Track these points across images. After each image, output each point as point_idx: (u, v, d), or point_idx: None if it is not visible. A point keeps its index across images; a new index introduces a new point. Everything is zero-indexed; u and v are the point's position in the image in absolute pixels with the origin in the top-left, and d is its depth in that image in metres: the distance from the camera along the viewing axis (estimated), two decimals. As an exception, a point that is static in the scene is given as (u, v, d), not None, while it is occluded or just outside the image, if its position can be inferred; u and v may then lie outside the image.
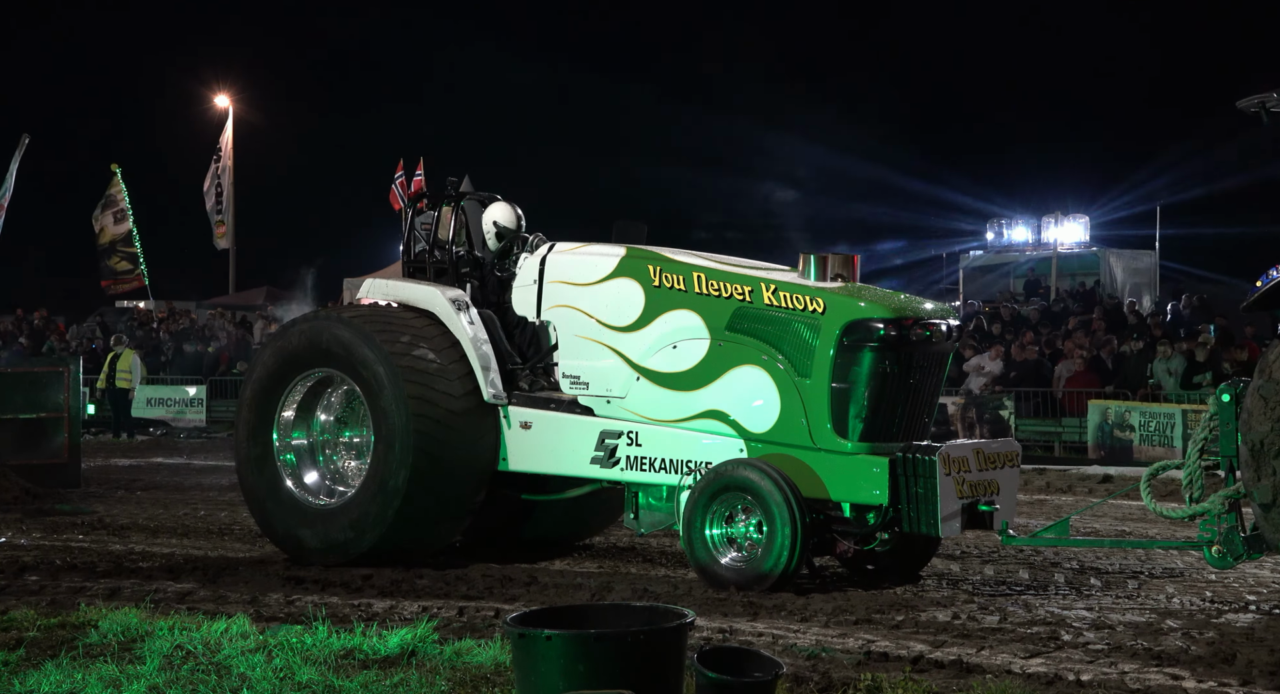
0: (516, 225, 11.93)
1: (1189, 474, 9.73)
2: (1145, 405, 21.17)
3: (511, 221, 11.91)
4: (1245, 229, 36.49)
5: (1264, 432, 9.01)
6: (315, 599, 9.74)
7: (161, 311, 36.00)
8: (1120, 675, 7.46)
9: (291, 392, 11.80)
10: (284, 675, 7.36)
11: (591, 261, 11.33)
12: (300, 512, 11.54)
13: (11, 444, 16.81)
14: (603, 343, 11.17)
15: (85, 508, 15.35)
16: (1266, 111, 9.93)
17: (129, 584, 10.35)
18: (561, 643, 5.77)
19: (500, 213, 11.92)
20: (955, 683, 7.30)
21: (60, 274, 49.94)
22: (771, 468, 10.09)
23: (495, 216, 11.92)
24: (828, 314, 10.31)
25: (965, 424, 22.31)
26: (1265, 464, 9.00)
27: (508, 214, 11.92)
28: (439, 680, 7.23)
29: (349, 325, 11.39)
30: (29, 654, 7.84)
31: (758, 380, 10.52)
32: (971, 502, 10.07)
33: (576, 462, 11.05)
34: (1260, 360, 9.34)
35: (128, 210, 34.71)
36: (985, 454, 10.31)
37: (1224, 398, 9.58)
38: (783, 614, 9.19)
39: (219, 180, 39.81)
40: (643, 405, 10.93)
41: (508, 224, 11.89)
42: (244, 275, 45.04)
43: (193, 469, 20.37)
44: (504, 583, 10.42)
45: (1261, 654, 7.91)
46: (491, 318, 11.54)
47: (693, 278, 10.85)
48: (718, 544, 10.25)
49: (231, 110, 42.46)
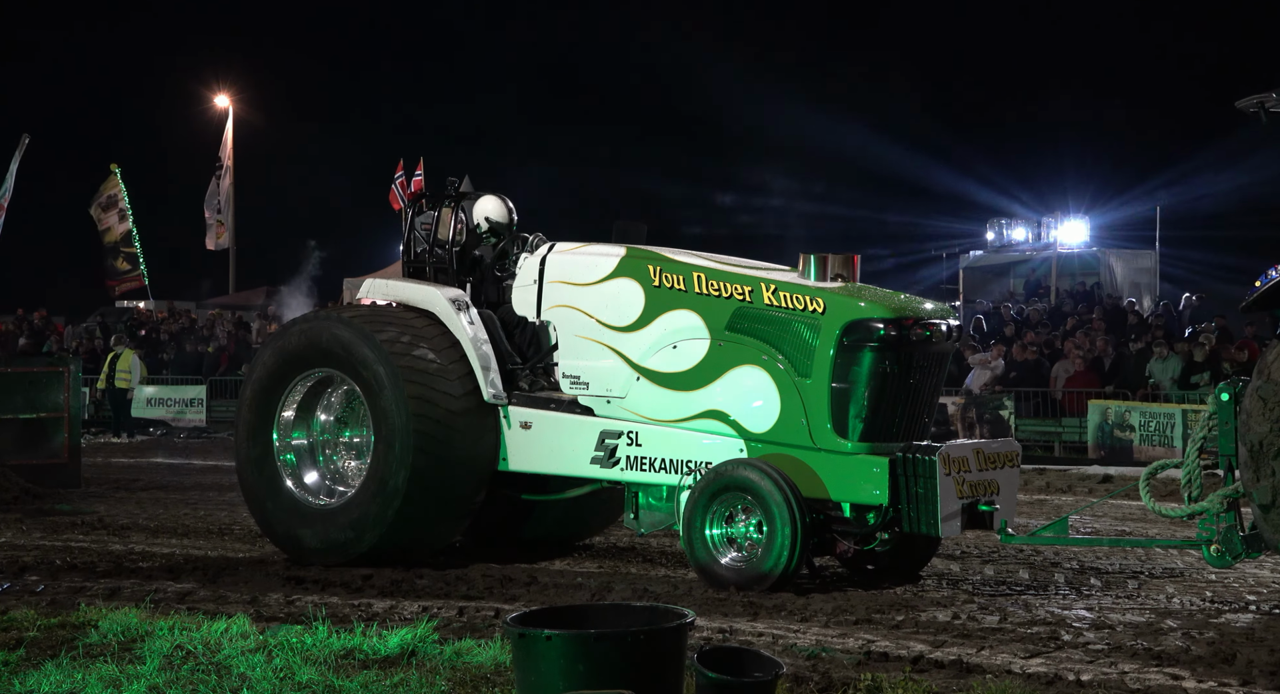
0: (508, 219, 11.93)
1: (1188, 473, 9.73)
2: (1145, 405, 21.17)
3: (503, 215, 11.91)
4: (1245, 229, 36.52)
5: (1263, 432, 9.01)
6: (315, 599, 9.74)
7: (161, 311, 36.01)
8: (1120, 675, 7.46)
9: (291, 392, 11.80)
10: (284, 675, 7.36)
11: (591, 261, 11.33)
12: (300, 512, 11.54)
13: (11, 444, 16.80)
14: (603, 343, 11.17)
15: (85, 508, 15.35)
16: (1265, 111, 9.93)
17: (129, 584, 10.35)
18: (561, 643, 5.77)
19: (491, 207, 11.92)
20: (955, 683, 7.30)
21: (60, 274, 49.97)
22: (771, 468, 10.09)
23: (486, 211, 11.93)
24: (828, 314, 10.31)
25: (965, 424, 22.31)
26: (1264, 465, 9.00)
27: (499, 208, 11.92)
28: (439, 680, 7.23)
29: (349, 325, 11.39)
30: (29, 654, 7.84)
31: (758, 380, 10.52)
32: (971, 502, 10.07)
33: (576, 462, 11.05)
34: (1259, 361, 9.33)
35: (128, 210, 34.74)
36: (985, 454, 10.31)
37: (1223, 397, 9.58)
38: (783, 614, 9.19)
39: (220, 182, 39.83)
40: (643, 405, 10.93)
41: (499, 218, 11.89)
42: (244, 275, 45.06)
43: (193, 469, 20.37)
44: (504, 583, 10.42)
45: (1261, 654, 7.91)
46: (491, 318, 11.54)
47: (693, 278, 10.85)
48: (718, 544, 10.25)
49: (231, 110, 42.47)
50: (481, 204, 11.95)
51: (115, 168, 34.74)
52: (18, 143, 28.90)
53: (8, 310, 36.26)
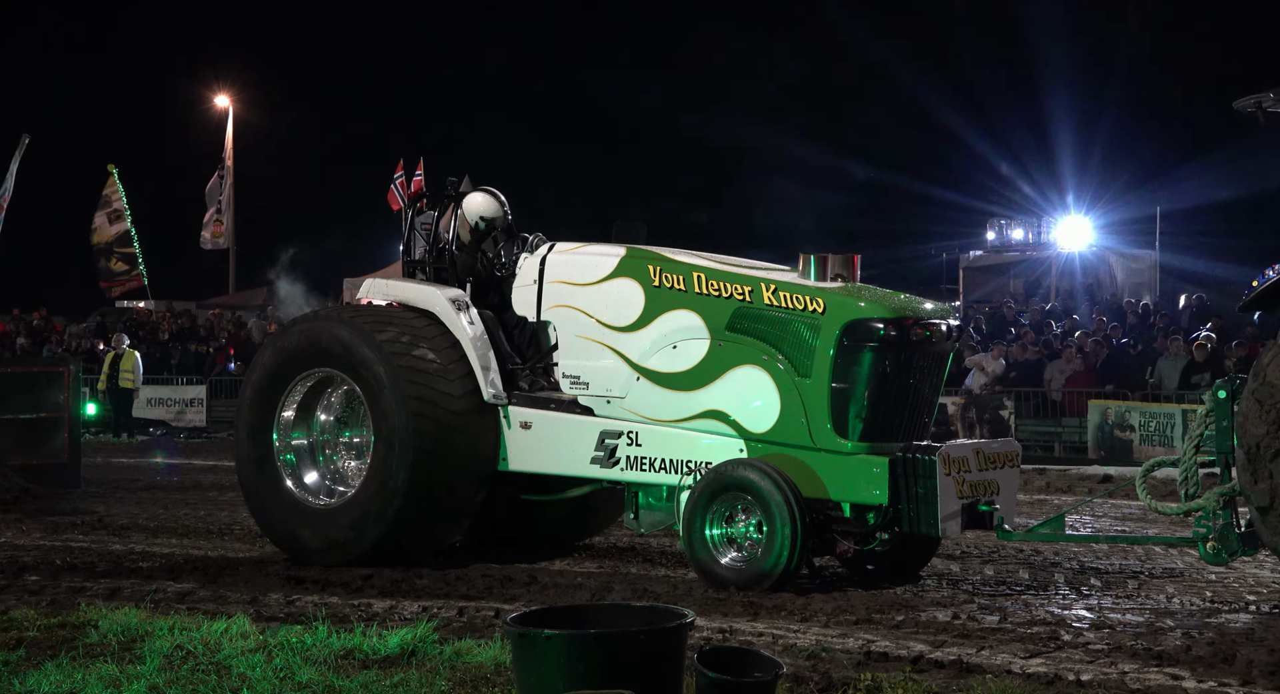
0: (500, 212, 11.89)
1: (1184, 470, 9.72)
2: (1145, 405, 21.18)
3: (494, 210, 11.86)
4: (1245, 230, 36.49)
5: (1259, 434, 8.98)
6: (315, 599, 9.74)
7: (161, 311, 36.01)
8: (1120, 675, 7.46)
9: (291, 392, 11.79)
10: (284, 675, 7.36)
11: (591, 261, 11.33)
12: (300, 512, 11.54)
13: (11, 444, 16.79)
14: (603, 343, 11.16)
15: (85, 508, 15.35)
16: (1264, 112, 9.93)
17: (129, 584, 10.35)
18: (561, 643, 5.77)
19: (481, 204, 11.88)
20: (955, 683, 7.30)
21: (60, 274, 49.96)
22: (771, 468, 10.09)
23: (479, 210, 11.89)
24: (827, 314, 10.31)
25: (965, 424, 22.33)
26: (1261, 467, 8.98)
27: (488, 203, 11.87)
28: (439, 680, 7.23)
29: (348, 325, 11.39)
30: (29, 654, 7.84)
31: (758, 380, 10.52)
32: (971, 501, 10.07)
33: (576, 462, 11.05)
34: (1255, 363, 9.29)
35: (124, 211, 34.72)
36: (985, 454, 10.31)
37: (1220, 394, 9.57)
38: (783, 614, 9.19)
39: (223, 181, 39.84)
40: (643, 405, 10.93)
41: (492, 213, 11.86)
42: (244, 275, 45.07)
43: (193, 469, 20.37)
44: (504, 583, 10.41)
45: (1261, 654, 7.91)
46: (491, 318, 11.54)
47: (693, 278, 10.85)
48: (718, 544, 10.25)
49: (231, 111, 42.48)
50: (472, 204, 11.91)
51: (112, 168, 34.71)
52: (18, 143, 28.87)
53: (6, 310, 36.30)
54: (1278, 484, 8.93)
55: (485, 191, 11.98)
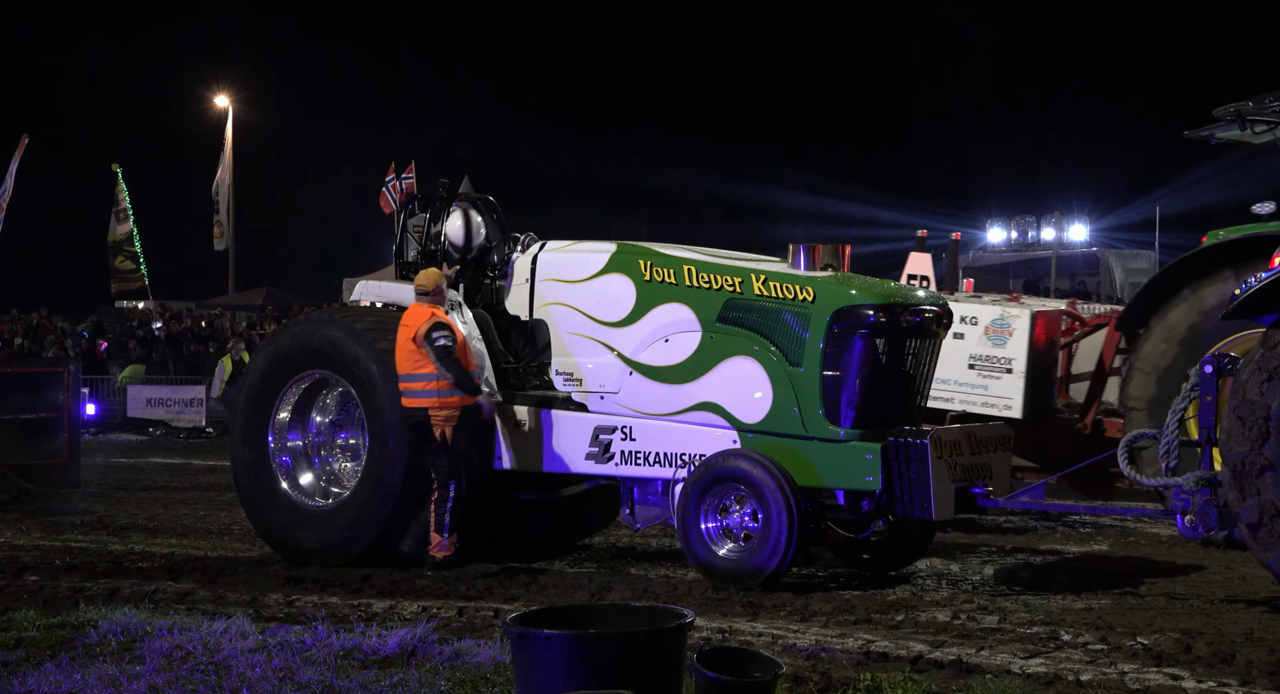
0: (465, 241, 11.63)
1: (1167, 444, 9.71)
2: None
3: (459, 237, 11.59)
4: (1244, 228, 36.41)
5: (1244, 451, 8.91)
6: (315, 599, 9.74)
7: (160, 311, 36.00)
8: (1120, 675, 7.46)
9: (286, 394, 11.80)
10: (284, 675, 7.36)
11: (582, 258, 11.34)
12: (297, 514, 11.54)
13: (11, 444, 16.78)
14: (595, 339, 11.17)
15: (85, 508, 15.35)
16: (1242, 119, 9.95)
17: (129, 584, 10.35)
18: (561, 643, 5.77)
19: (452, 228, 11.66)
20: (955, 683, 7.30)
21: (59, 274, 49.98)
22: (763, 457, 10.11)
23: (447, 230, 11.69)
24: (817, 302, 10.32)
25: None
26: (1249, 484, 8.91)
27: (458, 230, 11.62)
28: (439, 680, 7.24)
29: (340, 325, 11.43)
30: (29, 654, 7.84)
31: (750, 371, 10.52)
32: (964, 485, 10.10)
33: (572, 458, 11.06)
34: (1234, 380, 9.19)
35: (129, 210, 34.72)
36: (977, 438, 10.35)
37: (1206, 370, 9.54)
38: (783, 614, 9.19)
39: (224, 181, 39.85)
40: (636, 400, 10.93)
41: (457, 240, 11.61)
42: (244, 275, 45.08)
43: (192, 469, 20.37)
44: (504, 583, 10.42)
45: (1261, 654, 7.91)
46: (485, 317, 11.55)
47: (683, 271, 10.86)
48: (713, 536, 10.25)
49: (231, 110, 42.49)
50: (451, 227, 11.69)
51: (116, 168, 34.70)
52: (18, 143, 28.89)
53: (5, 310, 36.29)
54: (1265, 500, 8.85)
55: (463, 213, 11.76)
